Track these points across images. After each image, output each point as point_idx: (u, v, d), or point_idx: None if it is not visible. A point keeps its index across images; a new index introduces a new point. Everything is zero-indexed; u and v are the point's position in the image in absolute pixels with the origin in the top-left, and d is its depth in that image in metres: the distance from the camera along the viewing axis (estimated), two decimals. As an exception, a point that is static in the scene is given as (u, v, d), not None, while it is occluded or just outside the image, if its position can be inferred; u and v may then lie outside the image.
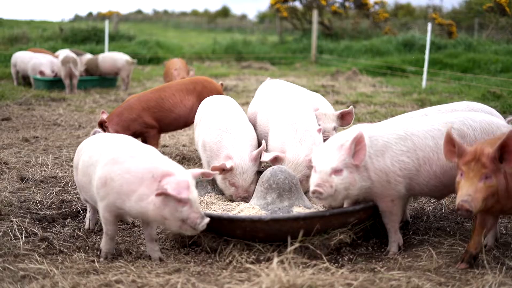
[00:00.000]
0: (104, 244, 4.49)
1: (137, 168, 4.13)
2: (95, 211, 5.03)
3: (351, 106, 6.26)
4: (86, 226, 5.09)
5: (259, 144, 5.76)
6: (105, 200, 4.26)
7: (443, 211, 5.44)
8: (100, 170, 4.26)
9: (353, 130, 4.40)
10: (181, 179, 4.06)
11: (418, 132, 4.41)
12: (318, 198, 4.37)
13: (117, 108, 7.14)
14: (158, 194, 4.00)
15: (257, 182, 5.16)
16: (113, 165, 4.20)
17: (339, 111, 6.16)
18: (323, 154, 4.41)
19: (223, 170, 5.30)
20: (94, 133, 4.78)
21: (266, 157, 5.31)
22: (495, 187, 3.76)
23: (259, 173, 5.39)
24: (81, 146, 4.72)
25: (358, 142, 4.28)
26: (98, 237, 4.95)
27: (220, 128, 5.58)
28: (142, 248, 4.70)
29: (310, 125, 5.54)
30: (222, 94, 7.06)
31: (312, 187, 4.38)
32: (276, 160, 5.30)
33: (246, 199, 5.30)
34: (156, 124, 7.21)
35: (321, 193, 4.32)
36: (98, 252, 4.52)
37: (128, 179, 4.13)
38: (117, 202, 4.20)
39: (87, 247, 4.71)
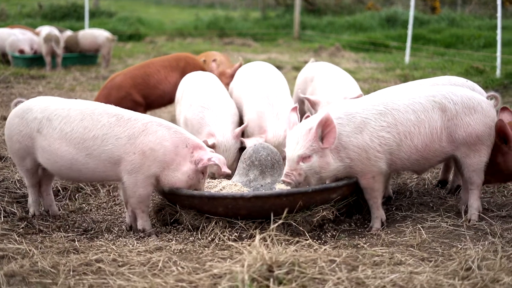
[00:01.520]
0: (145, 222, 4.47)
1: (172, 137, 4.31)
2: (38, 194, 4.75)
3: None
4: (32, 212, 4.72)
5: (241, 121, 5.72)
6: (143, 174, 4.29)
7: (426, 186, 5.43)
8: (128, 144, 4.25)
9: (321, 113, 4.34)
10: (220, 155, 4.49)
11: (398, 107, 4.37)
12: (290, 186, 4.36)
13: (103, 89, 7.03)
14: (204, 164, 4.30)
15: (239, 159, 5.12)
16: (146, 136, 4.26)
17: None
18: (291, 140, 4.37)
19: None
20: (16, 104, 4.60)
21: (249, 143, 5.26)
22: None
23: (241, 150, 5.34)
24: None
25: (326, 125, 4.22)
26: (78, 216, 4.89)
27: (202, 105, 5.53)
28: (123, 227, 4.65)
29: (286, 99, 5.56)
30: (204, 71, 7.00)
31: (282, 177, 4.41)
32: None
33: (228, 176, 5.26)
34: (143, 102, 7.16)
35: (290, 182, 4.33)
36: (142, 234, 4.44)
37: (167, 147, 4.28)
38: (158, 171, 4.31)
39: (67, 226, 4.67)
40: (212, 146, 5.20)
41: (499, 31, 10.80)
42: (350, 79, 6.12)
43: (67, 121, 4.32)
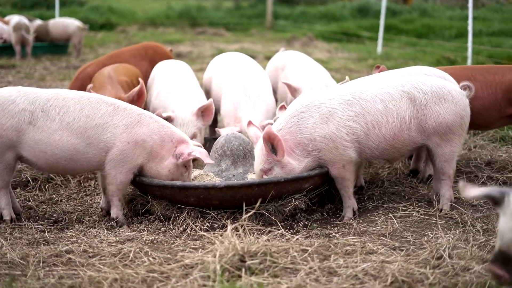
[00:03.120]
0: (119, 212, 4.47)
1: (160, 131, 4.40)
2: (11, 195, 4.58)
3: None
4: (8, 217, 4.45)
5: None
6: (130, 163, 4.35)
7: (398, 176, 5.45)
8: (125, 133, 4.29)
9: (266, 128, 4.34)
10: (201, 148, 4.53)
11: (366, 96, 4.37)
12: None
13: (75, 81, 6.91)
14: (184, 158, 4.36)
15: (211, 149, 5.10)
16: (141, 127, 4.34)
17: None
18: (255, 154, 4.48)
19: None
20: None
21: (224, 132, 5.24)
22: None
23: (213, 139, 5.32)
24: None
25: (270, 140, 4.24)
26: (48, 206, 4.83)
27: (169, 91, 5.56)
28: (94, 218, 4.61)
29: (263, 90, 5.57)
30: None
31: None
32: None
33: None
34: None
35: None
36: (115, 224, 4.43)
37: (156, 140, 4.38)
38: (144, 162, 4.39)
39: (37, 217, 4.61)
40: (168, 119, 5.18)
41: (470, 21, 10.86)
42: (321, 68, 6.20)
43: (66, 111, 4.28)
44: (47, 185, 5.23)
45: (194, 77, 6.08)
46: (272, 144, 4.25)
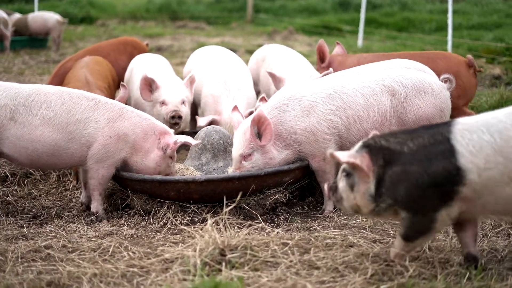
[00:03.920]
0: (99, 206, 4.44)
1: (142, 124, 4.39)
2: None
3: None
4: None
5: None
6: (112, 158, 4.34)
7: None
8: (106, 127, 4.28)
9: (258, 110, 4.35)
10: (182, 136, 4.52)
11: (348, 90, 4.38)
12: None
13: (55, 77, 6.81)
14: (172, 148, 4.38)
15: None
16: (123, 121, 4.33)
17: None
18: (234, 140, 4.45)
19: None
20: None
21: (202, 122, 5.24)
22: None
23: (193, 133, 5.31)
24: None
25: (260, 123, 4.25)
26: (27, 202, 4.79)
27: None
28: (74, 213, 4.58)
29: (243, 84, 5.55)
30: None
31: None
32: (212, 123, 5.24)
33: (180, 118, 5.30)
34: None
35: None
36: (95, 218, 4.40)
37: (138, 134, 4.37)
38: (127, 156, 4.38)
39: (15, 213, 4.58)
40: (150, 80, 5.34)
41: (450, 15, 10.91)
42: (303, 59, 6.23)
43: (48, 106, 4.25)
44: (26, 180, 5.18)
45: (172, 70, 6.13)
46: (259, 128, 4.24)
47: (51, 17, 13.23)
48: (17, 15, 14.00)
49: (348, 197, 3.32)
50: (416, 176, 3.11)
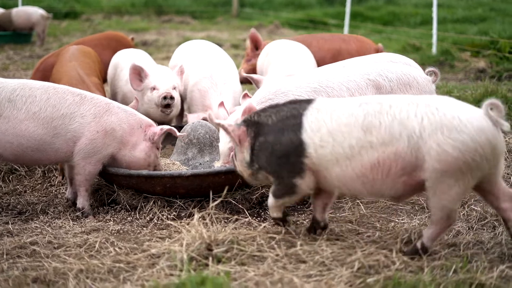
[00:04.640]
0: (86, 202, 4.43)
1: (128, 119, 4.40)
2: None
3: None
4: None
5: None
6: (100, 153, 4.32)
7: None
8: (93, 122, 4.28)
9: (246, 101, 4.34)
10: (167, 126, 4.56)
11: (333, 84, 4.39)
12: None
13: (37, 72, 6.76)
14: (158, 134, 4.41)
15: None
16: (109, 116, 4.32)
17: None
18: (222, 134, 4.42)
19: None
20: None
21: (192, 119, 5.22)
22: None
23: (179, 127, 5.29)
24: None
25: None
26: (12, 198, 4.77)
27: (126, 79, 5.59)
28: (59, 208, 4.56)
29: (230, 78, 5.56)
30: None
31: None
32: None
33: (172, 99, 5.30)
34: None
35: None
36: (81, 214, 4.39)
37: (125, 129, 4.38)
38: (115, 152, 4.37)
39: (0, 209, 4.54)
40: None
41: (434, 8, 10.95)
42: (307, 54, 6.27)
43: (33, 101, 4.23)
44: (10, 176, 5.15)
45: (153, 62, 6.16)
46: None
47: (35, 11, 13.15)
48: (0, 10, 13.90)
49: (235, 165, 3.77)
50: (272, 145, 3.50)
